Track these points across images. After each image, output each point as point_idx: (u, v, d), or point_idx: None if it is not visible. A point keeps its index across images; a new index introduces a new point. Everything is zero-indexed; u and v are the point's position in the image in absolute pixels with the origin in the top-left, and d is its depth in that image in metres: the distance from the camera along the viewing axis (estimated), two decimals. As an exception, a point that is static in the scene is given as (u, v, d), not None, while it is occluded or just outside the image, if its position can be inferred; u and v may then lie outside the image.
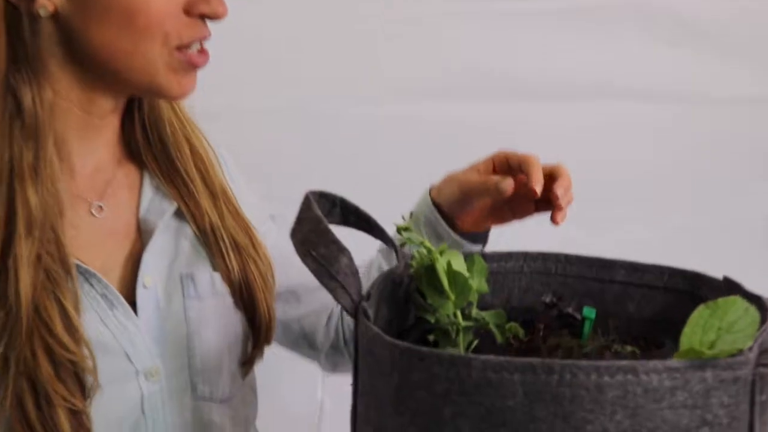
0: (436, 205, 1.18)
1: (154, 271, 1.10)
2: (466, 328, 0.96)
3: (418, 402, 0.78)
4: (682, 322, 0.82)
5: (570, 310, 1.07)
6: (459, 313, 0.95)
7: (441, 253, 0.98)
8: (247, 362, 1.19)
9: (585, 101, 1.88)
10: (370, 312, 0.89)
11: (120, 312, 1.05)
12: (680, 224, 1.93)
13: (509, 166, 1.12)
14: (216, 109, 1.32)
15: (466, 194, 1.15)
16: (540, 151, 1.11)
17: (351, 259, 0.91)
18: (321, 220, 0.91)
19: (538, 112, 1.90)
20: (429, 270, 0.95)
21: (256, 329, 1.17)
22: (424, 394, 0.77)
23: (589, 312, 1.09)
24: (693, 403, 0.73)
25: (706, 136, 1.97)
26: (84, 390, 1.00)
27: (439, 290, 0.95)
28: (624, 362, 0.74)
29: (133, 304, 1.08)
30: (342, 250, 0.90)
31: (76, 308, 0.99)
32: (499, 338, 0.98)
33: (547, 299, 1.08)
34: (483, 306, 1.03)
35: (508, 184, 1.06)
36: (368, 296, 0.94)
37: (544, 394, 0.73)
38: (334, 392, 1.88)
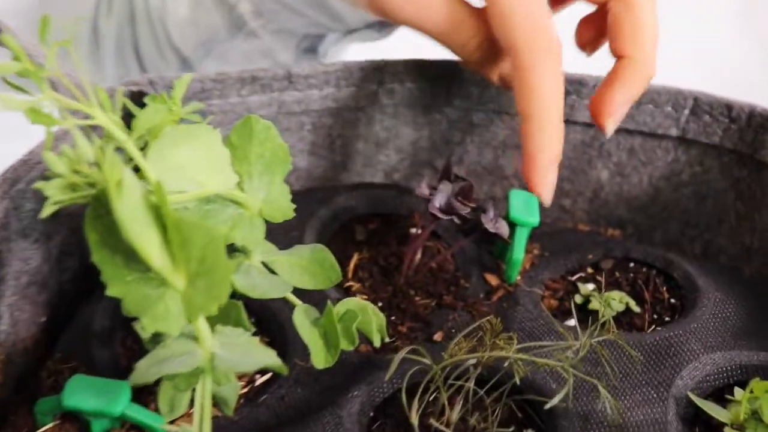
0: None
1: None
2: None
3: None
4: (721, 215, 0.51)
5: (488, 217, 0.48)
6: (202, 325, 0.33)
7: (145, 141, 0.34)
8: None
9: None
10: None
11: None
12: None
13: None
14: None
15: None
16: None
17: None
18: None
19: None
20: (98, 208, 0.32)
21: None
22: None
23: (524, 207, 0.50)
24: None
25: None
26: None
27: (135, 268, 0.32)
28: None
29: None
30: None
31: None
32: (322, 359, 0.38)
33: (426, 189, 0.47)
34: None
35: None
36: None
37: None
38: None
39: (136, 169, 0.34)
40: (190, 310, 0.33)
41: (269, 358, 0.34)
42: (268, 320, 0.46)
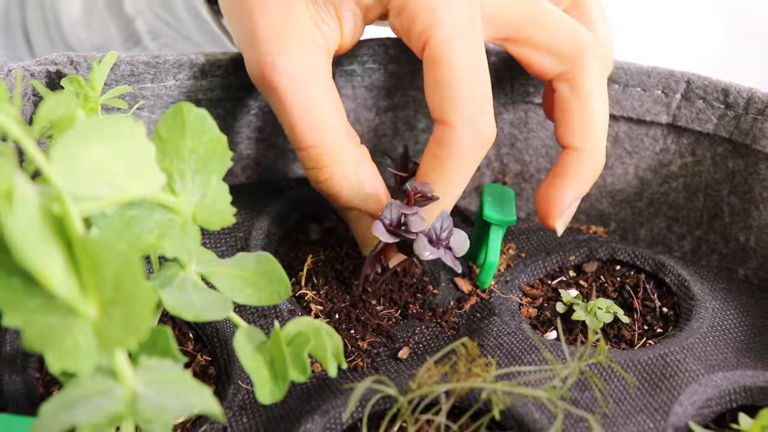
0: None
1: None
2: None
3: None
4: (713, 210, 0.46)
5: (423, 243, 0.42)
6: (120, 361, 0.28)
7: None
8: None
9: None
10: None
11: None
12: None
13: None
14: None
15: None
16: None
17: None
18: None
19: None
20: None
21: None
22: None
23: (500, 204, 0.44)
24: None
25: None
26: None
27: (37, 293, 0.26)
28: None
29: None
30: None
31: None
32: (267, 393, 0.32)
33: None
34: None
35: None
36: None
37: None
38: None
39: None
40: (104, 345, 0.27)
41: (203, 400, 0.28)
42: (209, 335, 0.40)
